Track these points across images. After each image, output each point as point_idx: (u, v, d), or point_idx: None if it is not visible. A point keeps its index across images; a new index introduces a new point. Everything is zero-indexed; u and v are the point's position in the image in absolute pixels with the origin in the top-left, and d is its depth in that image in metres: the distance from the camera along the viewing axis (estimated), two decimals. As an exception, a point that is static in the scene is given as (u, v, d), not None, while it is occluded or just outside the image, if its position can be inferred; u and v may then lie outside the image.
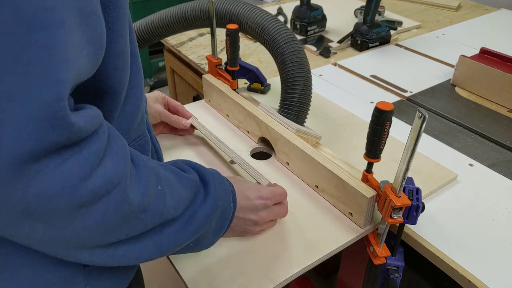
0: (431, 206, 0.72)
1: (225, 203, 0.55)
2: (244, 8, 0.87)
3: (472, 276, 0.60)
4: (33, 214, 0.35)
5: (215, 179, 0.55)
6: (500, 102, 1.01)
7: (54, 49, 0.32)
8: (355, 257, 0.85)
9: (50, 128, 0.33)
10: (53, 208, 0.35)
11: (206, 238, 0.54)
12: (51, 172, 0.34)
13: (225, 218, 0.56)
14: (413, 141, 0.52)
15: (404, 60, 1.23)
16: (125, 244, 0.44)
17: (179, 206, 0.48)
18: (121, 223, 0.41)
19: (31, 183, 0.33)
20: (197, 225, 0.50)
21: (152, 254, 0.47)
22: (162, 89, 2.90)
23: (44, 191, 0.34)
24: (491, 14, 1.57)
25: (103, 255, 0.43)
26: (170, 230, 0.47)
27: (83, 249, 0.41)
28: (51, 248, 0.40)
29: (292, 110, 0.81)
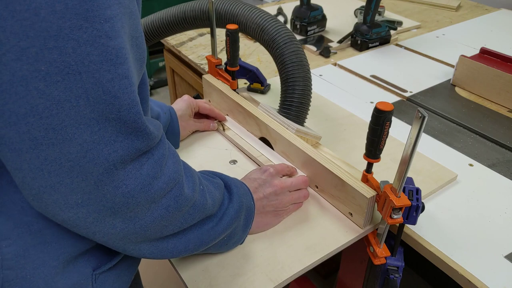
0: (431, 206, 0.72)
1: (248, 201, 0.62)
2: (244, 8, 0.87)
3: (471, 276, 0.60)
4: (117, 211, 0.42)
5: (236, 182, 0.62)
6: (500, 102, 1.01)
7: (131, 77, 0.38)
8: (355, 257, 0.85)
9: (135, 138, 0.40)
10: (133, 205, 0.42)
11: (237, 233, 0.60)
12: (134, 175, 0.41)
13: (250, 215, 0.62)
14: (413, 141, 0.52)
15: (404, 60, 1.23)
16: (175, 237, 0.51)
17: (215, 204, 0.55)
18: (178, 216, 0.48)
19: (119, 185, 0.41)
20: (230, 220, 0.57)
21: (195, 246, 0.53)
22: (162, 89, 2.90)
23: (129, 192, 0.41)
24: (491, 14, 1.57)
25: (158, 248, 0.49)
26: (209, 225, 0.54)
27: (145, 242, 0.48)
28: (122, 242, 0.46)
29: (292, 110, 0.81)
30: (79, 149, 0.37)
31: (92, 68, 0.36)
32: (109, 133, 0.38)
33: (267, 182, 0.67)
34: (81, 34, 0.35)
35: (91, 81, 0.36)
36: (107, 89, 0.37)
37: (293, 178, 0.70)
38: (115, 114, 0.38)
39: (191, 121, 0.86)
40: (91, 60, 0.36)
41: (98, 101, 0.37)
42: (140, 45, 0.42)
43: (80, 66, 0.35)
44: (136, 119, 0.40)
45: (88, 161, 0.38)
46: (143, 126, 0.41)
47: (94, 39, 0.35)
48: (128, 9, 0.39)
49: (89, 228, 0.42)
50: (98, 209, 0.41)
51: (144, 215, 0.44)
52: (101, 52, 0.36)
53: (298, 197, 0.68)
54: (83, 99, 0.36)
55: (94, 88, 0.36)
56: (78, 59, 0.35)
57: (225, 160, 0.81)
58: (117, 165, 0.40)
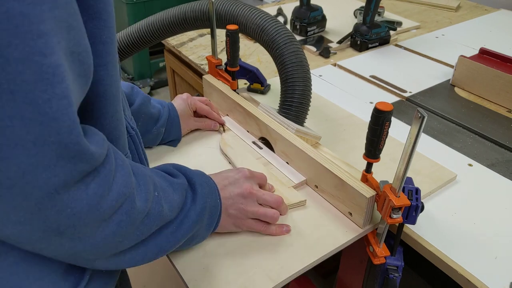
0: (431, 206, 0.72)
1: (213, 200, 0.59)
2: (244, 9, 0.87)
3: (471, 275, 0.60)
4: (62, 232, 0.39)
5: (201, 180, 0.59)
6: (499, 102, 1.02)
7: (70, 96, 0.36)
8: (354, 256, 0.85)
9: (78, 161, 0.38)
10: (80, 226, 0.40)
11: (200, 234, 0.59)
12: (80, 197, 0.39)
13: (214, 214, 0.60)
14: (412, 141, 0.52)
15: (403, 61, 1.23)
16: (132, 249, 0.48)
17: (174, 209, 0.53)
18: (132, 229, 0.46)
19: (63, 209, 0.38)
20: (191, 224, 0.55)
21: (154, 254, 0.51)
22: (162, 89, 2.90)
23: (74, 214, 0.39)
24: (491, 14, 1.57)
25: (114, 261, 0.47)
26: (168, 231, 0.52)
27: (99, 259, 0.46)
28: (73, 258, 0.44)
29: (291, 111, 0.81)
30: (17, 170, 0.35)
31: (26, 88, 0.33)
32: (48, 157, 0.35)
33: (238, 182, 0.63)
34: (11, 51, 0.32)
35: (25, 102, 0.33)
36: (44, 111, 0.34)
37: (265, 191, 0.66)
38: (54, 137, 0.35)
39: (191, 119, 0.87)
40: (23, 80, 0.33)
41: (34, 123, 0.34)
42: (84, 60, 0.39)
43: (12, 85, 0.32)
44: (78, 141, 0.37)
45: (27, 183, 0.35)
46: (85, 148, 0.38)
47: (26, 57, 0.32)
48: (66, 23, 0.36)
49: (34, 245, 0.40)
50: (42, 229, 0.38)
51: (94, 234, 0.42)
52: (35, 70, 0.33)
53: (265, 213, 0.63)
54: (18, 120, 0.33)
55: (29, 109, 0.33)
56: (9, 77, 0.32)
57: (225, 160, 0.82)
58: (59, 190, 0.37)
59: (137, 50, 1.02)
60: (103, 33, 0.43)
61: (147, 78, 2.78)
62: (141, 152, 0.63)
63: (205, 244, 0.63)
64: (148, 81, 2.77)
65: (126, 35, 0.99)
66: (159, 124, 0.78)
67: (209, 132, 0.89)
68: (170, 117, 0.80)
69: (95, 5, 0.42)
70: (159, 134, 0.80)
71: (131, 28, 0.99)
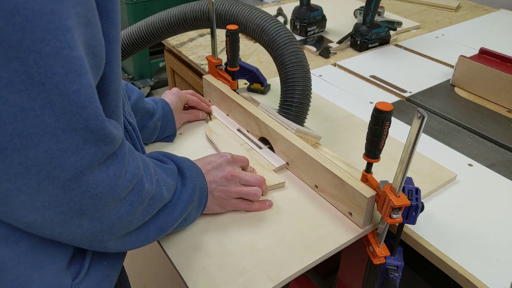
0: (431, 206, 0.72)
1: (201, 183, 0.63)
2: (244, 9, 0.87)
3: (471, 275, 0.61)
4: (84, 212, 0.43)
5: (188, 165, 0.63)
6: (499, 102, 1.02)
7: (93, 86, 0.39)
8: (354, 256, 0.85)
9: (102, 144, 0.41)
10: (100, 206, 0.43)
11: (191, 215, 0.63)
12: (101, 178, 0.42)
13: (203, 195, 0.64)
14: (412, 141, 0.52)
15: (403, 61, 1.23)
16: (137, 230, 0.52)
17: (169, 192, 0.57)
18: (141, 209, 0.50)
19: (87, 189, 0.41)
20: (184, 204, 0.59)
21: (155, 234, 0.55)
22: (163, 90, 2.90)
23: (96, 194, 0.42)
24: (491, 14, 1.57)
25: (123, 242, 0.51)
26: (165, 213, 0.56)
27: (111, 240, 0.49)
28: (88, 240, 0.46)
29: (291, 111, 0.81)
30: (45, 156, 0.37)
31: (56, 80, 0.35)
32: (76, 142, 0.38)
33: (221, 166, 0.67)
34: (43, 47, 0.34)
35: (55, 92, 0.36)
36: (73, 100, 0.37)
37: (247, 172, 0.70)
38: (82, 123, 0.38)
39: (182, 113, 0.88)
40: (54, 72, 0.35)
41: (63, 112, 0.37)
42: (98, 53, 0.42)
43: (43, 78, 0.35)
44: (102, 127, 0.40)
45: (55, 167, 0.38)
46: (109, 132, 0.41)
47: (57, 51, 0.35)
48: (85, 18, 0.38)
49: (54, 229, 0.42)
50: (65, 211, 0.41)
51: (111, 214, 0.45)
52: (65, 63, 0.35)
53: (248, 192, 0.67)
54: (48, 109, 0.36)
55: (59, 99, 0.36)
56: (41, 71, 0.35)
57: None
58: (85, 171, 0.40)
59: (137, 50, 1.02)
60: (110, 32, 0.45)
61: (147, 78, 2.78)
62: (139, 147, 0.65)
63: (205, 244, 0.64)
64: (148, 81, 2.77)
65: (126, 35, 0.99)
66: (155, 118, 0.79)
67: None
68: (164, 112, 0.82)
69: (104, 4, 0.43)
70: (156, 128, 0.81)
71: (131, 28, 0.99)
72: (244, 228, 0.66)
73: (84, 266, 0.49)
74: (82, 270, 0.49)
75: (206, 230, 0.66)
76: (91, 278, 0.50)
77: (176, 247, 0.63)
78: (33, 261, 0.45)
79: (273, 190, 0.74)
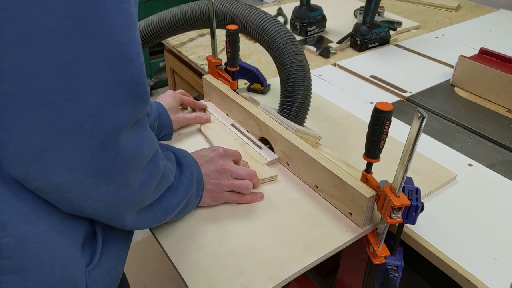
0: (431, 206, 0.72)
1: (197, 170, 0.66)
2: (244, 9, 0.87)
3: (471, 275, 0.61)
4: (113, 177, 0.44)
5: (183, 153, 0.65)
6: (499, 102, 1.02)
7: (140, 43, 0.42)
8: (354, 256, 0.85)
9: (140, 101, 0.42)
10: (127, 171, 0.45)
11: (191, 200, 0.64)
12: (132, 140, 0.44)
13: (200, 182, 0.66)
14: (412, 141, 0.52)
15: (403, 61, 1.23)
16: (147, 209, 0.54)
17: (172, 175, 0.58)
18: (155, 183, 0.52)
19: (120, 150, 0.42)
20: (185, 188, 0.61)
21: (162, 216, 0.57)
22: (163, 90, 2.90)
23: (126, 157, 0.43)
24: (491, 14, 1.57)
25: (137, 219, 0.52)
26: (169, 195, 0.58)
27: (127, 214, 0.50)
28: (109, 211, 0.48)
29: (291, 111, 0.81)
30: (90, 108, 0.39)
31: (114, 31, 0.38)
32: (120, 97, 0.40)
33: (213, 160, 0.69)
34: (105, 0, 0.37)
35: (111, 42, 0.38)
36: (125, 52, 0.39)
37: (239, 166, 0.71)
38: (129, 77, 0.40)
39: (180, 113, 0.88)
40: (113, 24, 0.37)
41: (115, 63, 0.39)
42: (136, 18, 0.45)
43: (104, 27, 0.37)
44: (144, 82, 0.42)
45: (96, 122, 0.39)
46: (147, 90, 0.43)
47: (118, 4, 0.38)
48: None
49: (83, 194, 0.43)
50: (96, 173, 0.42)
51: (134, 181, 0.47)
52: (123, 17, 0.38)
53: (239, 185, 0.69)
54: (102, 59, 0.38)
55: (113, 50, 0.38)
56: (102, 20, 0.37)
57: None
58: (122, 129, 0.42)
59: (137, 50, 1.02)
60: None
61: (147, 78, 2.78)
62: None
63: (205, 244, 0.64)
64: (148, 81, 2.77)
65: (126, 35, 0.99)
66: (151, 119, 0.79)
67: None
68: (159, 113, 0.82)
69: None
70: (153, 129, 0.81)
71: (131, 28, 0.99)
72: (244, 228, 0.66)
73: (97, 253, 0.50)
74: (95, 257, 0.50)
75: (206, 230, 0.66)
76: (102, 266, 0.51)
77: (176, 247, 0.63)
78: (52, 242, 0.45)
79: (272, 190, 0.74)
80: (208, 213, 0.69)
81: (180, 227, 0.66)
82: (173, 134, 0.86)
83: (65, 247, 0.46)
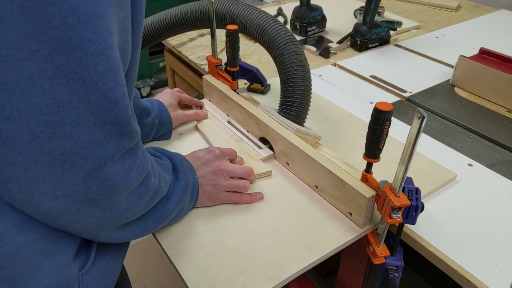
0: (431, 206, 0.72)
1: (193, 176, 0.66)
2: (244, 9, 0.87)
3: (471, 275, 0.61)
4: (98, 202, 0.45)
5: (180, 159, 0.66)
6: (499, 102, 1.02)
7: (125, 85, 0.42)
8: (354, 256, 0.85)
9: (126, 138, 0.44)
10: (113, 196, 0.46)
11: (185, 207, 0.65)
12: (119, 169, 0.45)
13: (195, 188, 0.66)
14: (412, 141, 0.52)
15: (403, 61, 1.23)
16: (137, 220, 0.54)
17: (166, 185, 0.59)
18: (145, 201, 0.52)
19: (105, 180, 0.43)
20: (178, 197, 0.61)
21: (153, 225, 0.57)
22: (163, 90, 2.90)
23: (113, 185, 0.44)
24: (491, 14, 1.57)
25: (125, 232, 0.53)
26: (161, 205, 0.58)
27: (115, 229, 0.51)
28: (96, 230, 0.48)
29: (291, 111, 0.81)
30: (74, 146, 0.40)
31: (96, 77, 0.38)
32: (104, 135, 0.41)
33: (209, 162, 0.70)
34: (89, 46, 0.37)
35: (94, 88, 0.38)
36: (108, 96, 0.40)
37: (235, 165, 0.72)
38: (112, 118, 0.41)
39: (179, 111, 0.89)
40: (96, 70, 0.38)
41: (98, 106, 0.39)
42: (126, 56, 0.45)
43: (85, 74, 0.38)
44: (130, 122, 0.43)
45: (81, 157, 0.40)
46: (134, 127, 0.44)
47: (101, 51, 0.38)
48: (123, 24, 0.42)
49: (69, 218, 0.44)
50: (82, 200, 0.43)
51: (121, 204, 0.48)
52: (106, 63, 0.38)
53: (237, 185, 0.69)
54: (84, 103, 0.39)
55: (96, 95, 0.39)
56: (84, 68, 0.37)
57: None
58: (107, 162, 0.43)
59: (137, 50, 1.02)
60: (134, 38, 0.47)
61: (147, 78, 2.78)
62: None
63: (205, 244, 0.64)
64: (148, 81, 2.77)
65: (126, 35, 0.99)
66: (152, 116, 0.80)
67: None
68: (160, 109, 0.83)
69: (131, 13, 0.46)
70: (154, 126, 0.81)
71: (131, 28, 0.99)
72: (244, 228, 0.66)
73: (90, 257, 0.51)
74: (88, 261, 0.51)
75: (206, 230, 0.66)
76: (96, 270, 0.51)
77: (176, 247, 0.63)
78: (44, 249, 0.46)
79: (272, 190, 0.74)
80: (209, 213, 0.69)
81: (180, 227, 0.66)
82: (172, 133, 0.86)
83: (57, 254, 0.47)
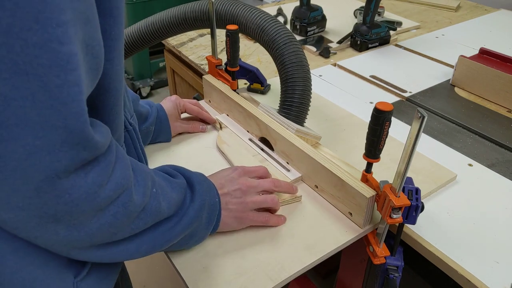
0: (431, 206, 0.72)
1: (211, 198, 0.60)
2: (244, 9, 0.87)
3: (471, 275, 0.61)
4: (59, 219, 0.41)
5: (199, 179, 0.61)
6: (499, 102, 1.02)
7: (81, 85, 0.38)
8: (354, 256, 0.85)
9: (81, 149, 0.39)
10: (77, 213, 0.41)
11: (199, 232, 0.59)
12: (78, 184, 0.40)
13: (213, 211, 0.60)
14: (412, 141, 0.52)
15: (403, 61, 1.23)
16: (126, 240, 0.50)
17: (171, 207, 0.54)
18: (127, 222, 0.47)
19: (61, 194, 0.39)
20: (188, 221, 0.56)
21: (149, 248, 0.53)
22: (163, 90, 2.90)
23: (72, 200, 0.40)
24: (491, 14, 1.57)
25: (107, 251, 0.48)
26: (164, 228, 0.53)
27: (93, 248, 0.47)
28: (66, 248, 0.45)
29: (292, 111, 0.81)
30: (22, 151, 0.36)
31: (40, 72, 0.35)
32: (53, 141, 0.37)
33: (234, 179, 0.65)
34: (30, 36, 0.34)
35: (38, 84, 0.35)
36: (55, 95, 0.36)
37: (261, 180, 0.67)
38: (61, 121, 0.37)
39: (178, 122, 0.87)
40: (39, 63, 0.35)
41: (44, 106, 0.36)
42: (96, 54, 0.41)
43: (28, 67, 0.34)
44: (83, 128, 0.38)
45: (30, 165, 0.37)
46: (90, 137, 0.39)
47: (44, 43, 0.34)
48: (84, 15, 0.38)
49: (30, 232, 0.41)
50: (39, 215, 0.40)
51: (90, 223, 0.43)
52: (50, 56, 0.35)
53: (264, 200, 0.65)
54: (29, 101, 0.35)
55: (41, 92, 0.35)
56: (26, 59, 0.34)
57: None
58: (60, 175, 0.38)
59: (137, 50, 1.02)
60: (113, 29, 0.44)
61: (147, 78, 2.78)
62: (139, 148, 0.64)
63: (205, 244, 0.64)
64: (148, 81, 2.77)
65: (126, 35, 0.99)
66: (148, 123, 0.78)
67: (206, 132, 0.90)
68: (158, 117, 0.81)
69: (107, 2, 0.43)
70: (149, 132, 0.80)
71: (131, 28, 0.99)
72: (244, 228, 0.66)
73: (86, 264, 0.49)
74: (83, 268, 0.49)
75: (206, 230, 0.66)
76: (92, 276, 0.50)
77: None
78: (33, 257, 0.44)
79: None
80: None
81: (180, 227, 0.66)
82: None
83: (50, 261, 0.46)
